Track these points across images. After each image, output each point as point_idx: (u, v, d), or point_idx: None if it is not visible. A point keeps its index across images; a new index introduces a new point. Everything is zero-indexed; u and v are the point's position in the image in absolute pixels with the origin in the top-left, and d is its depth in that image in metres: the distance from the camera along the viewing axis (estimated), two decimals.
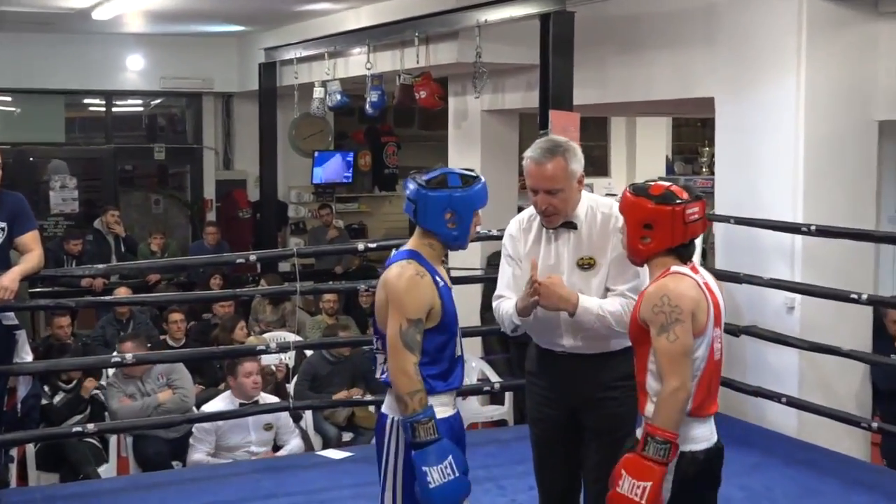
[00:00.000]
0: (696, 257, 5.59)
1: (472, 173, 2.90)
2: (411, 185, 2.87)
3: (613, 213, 3.13)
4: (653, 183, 2.85)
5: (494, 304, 3.30)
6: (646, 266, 2.86)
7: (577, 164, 3.17)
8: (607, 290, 3.15)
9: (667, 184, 2.84)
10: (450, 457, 2.73)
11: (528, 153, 3.18)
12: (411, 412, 2.74)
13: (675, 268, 2.76)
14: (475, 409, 6.84)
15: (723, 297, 2.83)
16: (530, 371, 3.37)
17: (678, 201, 2.76)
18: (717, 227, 6.01)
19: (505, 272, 3.29)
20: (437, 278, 2.83)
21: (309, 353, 6.79)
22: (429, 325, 2.79)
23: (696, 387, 2.72)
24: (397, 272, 2.81)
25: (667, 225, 2.75)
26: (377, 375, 2.90)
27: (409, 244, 2.90)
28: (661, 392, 2.66)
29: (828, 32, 5.37)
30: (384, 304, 2.81)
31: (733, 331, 5.44)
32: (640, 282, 3.06)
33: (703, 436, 2.76)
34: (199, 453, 5.56)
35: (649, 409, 2.72)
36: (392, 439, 2.82)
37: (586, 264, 3.17)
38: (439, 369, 2.82)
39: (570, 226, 3.20)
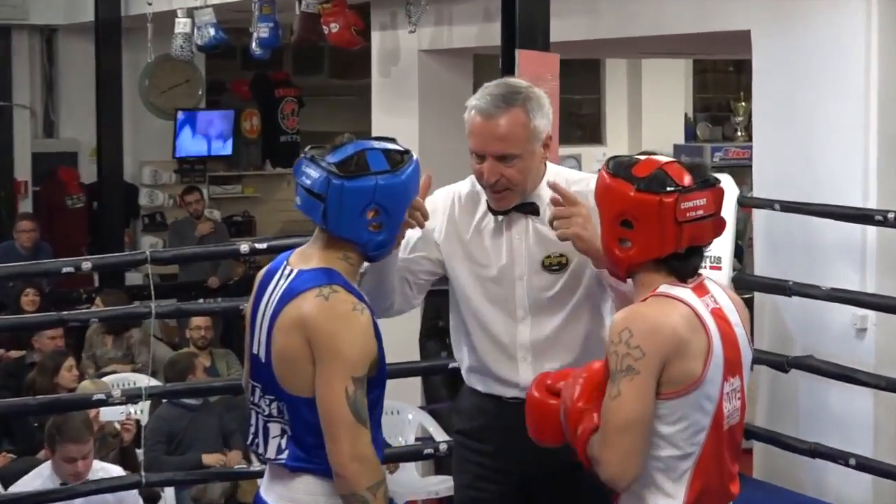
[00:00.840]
0: (726, 262, 5.45)
1: (398, 147, 2.93)
2: (313, 171, 2.84)
3: (592, 190, 3.09)
4: (642, 158, 2.85)
5: None
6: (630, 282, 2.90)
7: (543, 118, 3.21)
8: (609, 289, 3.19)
9: (664, 159, 2.83)
10: None
11: (472, 101, 3.22)
12: None
13: (663, 287, 2.78)
14: (412, 482, 6.88)
15: (747, 330, 2.85)
16: (461, 430, 3.40)
17: (670, 189, 2.74)
18: (758, 217, 5.99)
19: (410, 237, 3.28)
20: (371, 310, 2.85)
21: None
22: None
23: (692, 472, 2.75)
24: (321, 305, 2.80)
25: (652, 223, 2.75)
26: (267, 454, 2.92)
27: (317, 258, 2.89)
28: (599, 458, 2.75)
29: None
30: (298, 352, 2.81)
31: (780, 364, 5.48)
32: None
33: None
34: None
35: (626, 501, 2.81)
36: None
37: (555, 264, 3.23)
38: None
39: (529, 209, 3.24)
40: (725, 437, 2.77)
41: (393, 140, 2.95)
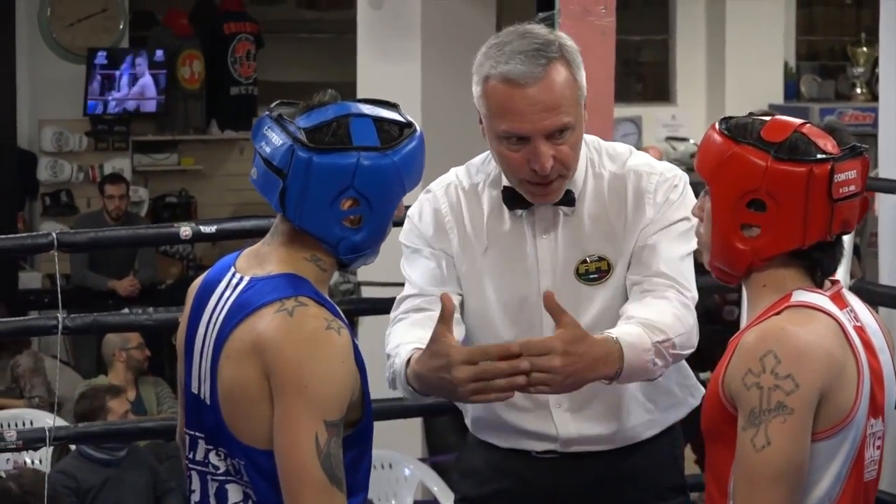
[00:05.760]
0: (842, 266, 6.04)
1: (398, 116, 2.79)
2: (277, 136, 2.72)
3: (633, 169, 3.16)
4: (767, 118, 2.78)
5: (391, 334, 3.27)
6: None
7: (582, 72, 3.17)
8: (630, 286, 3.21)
9: (796, 120, 2.78)
10: None
11: (487, 68, 3.11)
12: None
13: (798, 294, 2.71)
14: None
15: (891, 352, 2.80)
16: (469, 497, 3.37)
17: (821, 156, 2.70)
18: (884, 205, 5.84)
19: (421, 267, 3.27)
20: (350, 330, 2.77)
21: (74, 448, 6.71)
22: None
23: None
24: (284, 324, 2.69)
25: (796, 202, 2.71)
26: None
27: (276, 259, 2.78)
28: None
29: None
30: (254, 389, 2.70)
31: None
32: (691, 246, 3.10)
33: None
34: None
35: None
36: None
37: (593, 272, 3.20)
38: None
39: (563, 199, 3.18)
40: (861, 495, 2.71)
41: (394, 107, 2.78)
